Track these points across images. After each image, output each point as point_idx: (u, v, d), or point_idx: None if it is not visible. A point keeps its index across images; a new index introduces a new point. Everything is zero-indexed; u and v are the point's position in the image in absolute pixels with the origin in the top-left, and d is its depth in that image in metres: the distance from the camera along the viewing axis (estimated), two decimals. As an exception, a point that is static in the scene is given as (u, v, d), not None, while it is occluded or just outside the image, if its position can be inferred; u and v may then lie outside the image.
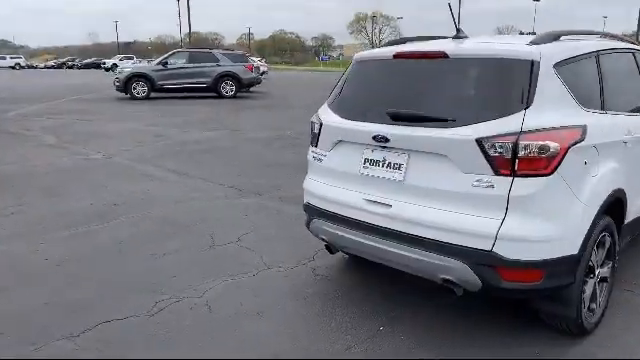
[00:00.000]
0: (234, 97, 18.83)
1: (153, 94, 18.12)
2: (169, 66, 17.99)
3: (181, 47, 39.69)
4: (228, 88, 18.72)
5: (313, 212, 3.21)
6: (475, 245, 2.45)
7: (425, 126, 2.61)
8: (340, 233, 3.00)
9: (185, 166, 7.36)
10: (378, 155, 2.80)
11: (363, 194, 2.86)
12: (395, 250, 2.71)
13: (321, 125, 3.15)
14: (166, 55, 18.89)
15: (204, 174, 6.87)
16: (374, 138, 2.75)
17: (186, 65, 18.16)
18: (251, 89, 20.56)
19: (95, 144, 9.08)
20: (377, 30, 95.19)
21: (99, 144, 9.09)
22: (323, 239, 3.22)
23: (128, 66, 19.48)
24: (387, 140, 2.70)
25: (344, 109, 3.07)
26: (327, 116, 3.14)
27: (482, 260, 2.44)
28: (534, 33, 3.67)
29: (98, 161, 7.73)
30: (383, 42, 4.01)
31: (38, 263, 3.93)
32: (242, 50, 21.95)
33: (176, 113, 14.21)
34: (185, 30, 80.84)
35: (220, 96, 18.67)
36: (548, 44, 2.67)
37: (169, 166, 7.35)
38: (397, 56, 2.92)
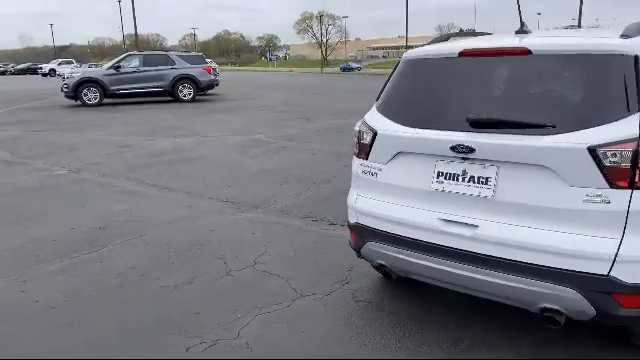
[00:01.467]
0: (192, 101, 18.05)
1: (106, 100, 17.08)
2: (122, 70, 17.01)
3: (125, 50, 38.06)
4: (186, 92, 17.93)
5: (367, 234, 2.82)
6: (588, 269, 2.14)
7: (517, 133, 2.28)
8: (407, 258, 2.63)
9: (164, 179, 6.76)
10: (456, 168, 2.45)
11: (437, 213, 2.51)
12: (481, 276, 2.37)
13: (375, 134, 2.75)
14: (118, 58, 17.86)
15: (188, 187, 6.31)
16: (453, 149, 2.39)
17: (140, 69, 17.22)
18: (206, 92, 19.78)
19: (56, 158, 8.28)
20: (324, 30, 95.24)
21: (61, 158, 8.28)
22: (381, 264, 2.83)
23: (77, 71, 18.24)
24: (472, 150, 2.34)
25: (403, 115, 2.69)
26: (381, 124, 2.75)
27: (597, 286, 2.13)
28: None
29: (65, 177, 6.99)
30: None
31: (28, 308, 3.33)
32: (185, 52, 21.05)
33: (136, 120, 13.39)
34: (128, 32, 78.07)
35: (177, 100, 17.85)
36: None
37: (146, 180, 6.73)
38: (465, 54, 2.58)
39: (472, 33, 3.32)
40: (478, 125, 2.37)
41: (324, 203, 5.55)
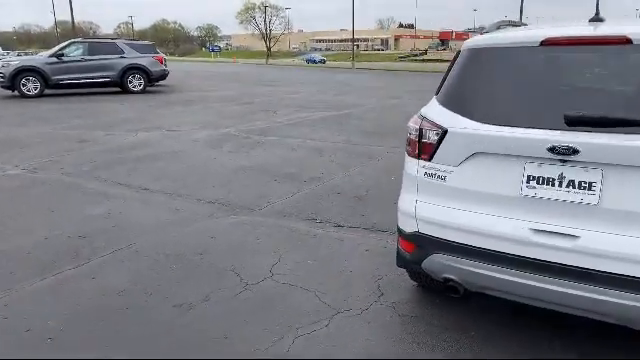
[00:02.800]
0: (143, 92, 17.06)
1: (47, 91, 15.79)
2: (65, 59, 15.75)
3: (58, 38, 35.62)
4: (136, 82, 16.91)
5: (432, 245, 2.51)
6: None
7: (626, 132, 2.03)
8: (485, 272, 2.34)
9: (138, 178, 6.16)
10: (551, 171, 2.17)
11: (527, 222, 2.23)
12: (581, 293, 2.12)
13: (445, 133, 2.43)
14: (61, 46, 16.53)
15: (168, 187, 5.76)
16: (552, 150, 2.11)
17: (86, 57, 16.03)
18: (156, 83, 18.76)
19: (7, 156, 7.41)
20: (267, 20, 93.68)
21: (12, 155, 7.43)
22: (449, 278, 2.52)
23: (14, 59, 16.75)
24: (575, 152, 2.07)
25: (479, 111, 2.39)
26: (452, 120, 2.44)
27: None
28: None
29: (22, 178, 6.23)
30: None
31: (19, 339, 2.79)
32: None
33: (87, 112, 12.42)
34: (61, 18, 73.49)
35: (126, 91, 16.81)
36: None
37: (118, 179, 6.11)
38: (549, 43, 2.30)
39: (516, 23, 3.06)
40: (578, 123, 2.11)
41: (322, 203, 5.19)
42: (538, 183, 2.20)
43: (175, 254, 3.90)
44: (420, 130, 2.56)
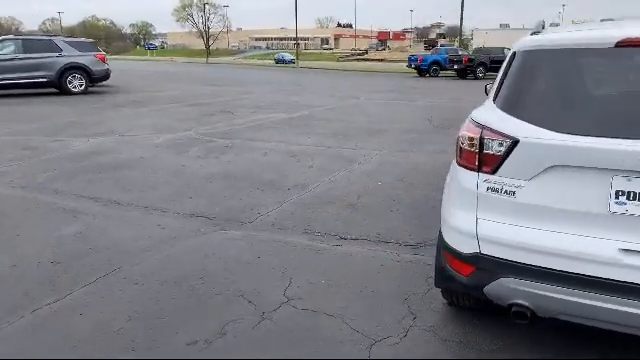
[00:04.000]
0: (84, 93, 15.96)
1: (-25, 92, 14.43)
2: (-5, 57, 14.43)
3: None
4: (76, 83, 15.79)
5: (500, 268, 2.26)
6: None
7: None
8: (563, 296, 2.12)
9: (105, 190, 5.58)
10: None
11: (616, 242, 2.03)
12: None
13: (515, 143, 2.19)
14: (-11, 43, 15.14)
15: (140, 200, 5.24)
16: None
17: (18, 56, 14.77)
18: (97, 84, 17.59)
19: (-58, 167, 6.55)
20: (205, 18, 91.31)
21: (-52, 166, 6.57)
22: (518, 304, 2.28)
23: None
24: None
25: (553, 119, 2.16)
26: (522, 129, 2.20)
27: None
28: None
29: (-34, 193, 5.48)
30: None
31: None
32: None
33: (27, 116, 11.41)
34: (-23, 13, 68.19)
35: (65, 93, 15.65)
36: None
37: (81, 192, 5.50)
38: (626, 44, 2.10)
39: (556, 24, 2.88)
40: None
41: (315, 213, 4.87)
42: (629, 199, 2.00)
43: (172, 280, 3.46)
44: (481, 140, 2.30)
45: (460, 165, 2.46)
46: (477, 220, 2.35)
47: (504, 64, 2.51)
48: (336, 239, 4.24)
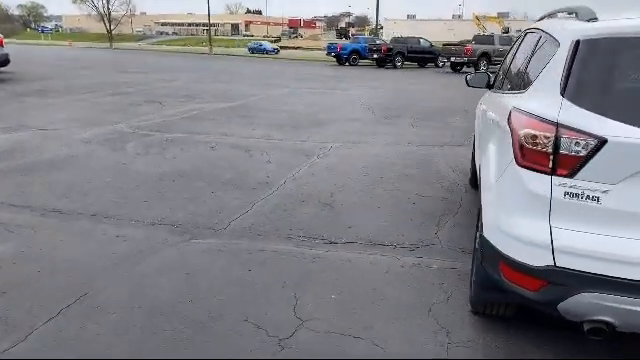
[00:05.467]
0: (-21, 81, 14.07)
1: None
2: None
3: None
4: (-31, 69, 13.86)
5: (581, 282, 2.03)
6: None
7: None
8: (656, 311, 1.93)
9: (39, 196, 4.77)
10: None
11: None
12: None
13: (602, 143, 1.95)
14: None
15: (86, 207, 4.53)
16: None
17: None
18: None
19: None
20: (105, 1, 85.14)
21: None
22: (598, 320, 2.06)
23: None
24: None
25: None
26: (605, 127, 1.96)
27: None
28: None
29: None
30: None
31: None
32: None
33: None
34: None
35: (-44, 80, 13.70)
36: None
37: (9, 199, 4.66)
38: None
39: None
40: None
41: (292, 215, 4.47)
42: None
43: (156, 307, 2.91)
44: (557, 139, 2.04)
45: (523, 166, 2.19)
46: (551, 229, 2.09)
47: (559, 53, 2.25)
48: (325, 244, 3.87)
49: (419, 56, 29.25)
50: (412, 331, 2.74)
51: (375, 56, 29.06)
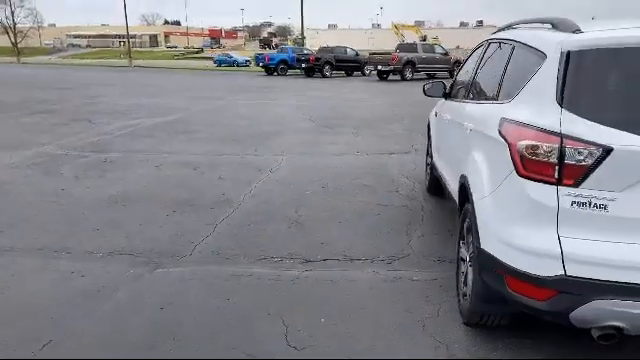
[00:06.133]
0: None
1: None
2: None
3: None
4: None
5: (592, 290, 2.05)
6: None
7: None
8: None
9: (-31, 232, 4.26)
10: None
11: None
12: None
13: (608, 152, 1.99)
14: None
15: (29, 240, 4.12)
16: None
17: None
18: None
19: None
20: (9, 13, 79.58)
21: None
22: (610, 326, 2.09)
23: None
24: None
25: None
26: (610, 136, 2.00)
27: None
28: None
29: None
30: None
31: None
32: None
33: None
34: None
35: None
36: None
37: None
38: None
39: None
40: None
41: (259, 235, 4.30)
42: None
43: (135, 349, 2.65)
44: (562, 150, 2.06)
45: (525, 177, 2.20)
46: (559, 239, 2.11)
47: (547, 64, 2.29)
48: (301, 263, 3.74)
49: (346, 65, 29.75)
50: (414, 350, 2.67)
51: (304, 66, 29.20)
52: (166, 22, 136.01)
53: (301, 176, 6.18)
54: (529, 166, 2.18)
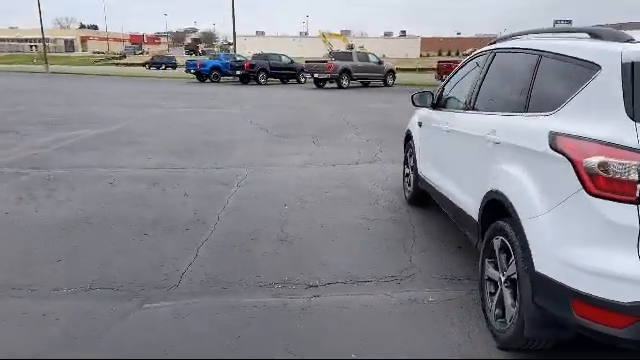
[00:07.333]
0: None
1: None
2: None
3: None
4: None
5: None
6: None
7: None
8: None
9: None
10: None
11: None
12: None
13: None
14: None
15: (-22, 276, 3.50)
16: None
17: None
18: None
19: None
20: None
21: None
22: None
23: None
24: None
25: None
26: None
27: None
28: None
29: None
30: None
31: None
32: None
33: None
34: None
35: None
36: None
37: None
38: None
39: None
40: None
41: (249, 257, 3.95)
42: None
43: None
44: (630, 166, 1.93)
45: (597, 196, 2.05)
46: (619, 262, 1.98)
47: (603, 75, 2.18)
48: (304, 289, 3.44)
49: (281, 72, 29.45)
50: (461, 383, 2.46)
51: (238, 73, 28.59)
52: (82, 26, 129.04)
53: (272, 190, 5.84)
54: (602, 184, 2.04)
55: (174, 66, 48.85)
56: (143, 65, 50.71)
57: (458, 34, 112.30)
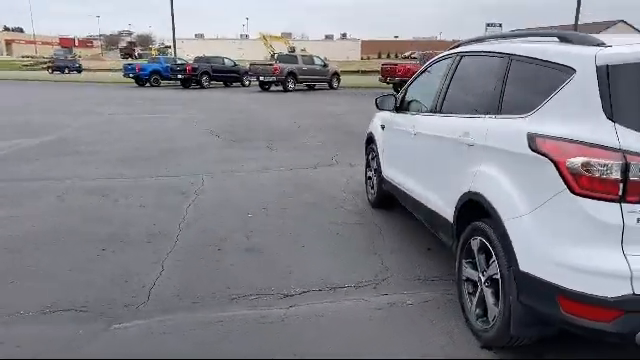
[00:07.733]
0: None
1: None
2: None
3: None
4: None
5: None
6: None
7: None
8: None
9: None
10: None
11: None
12: None
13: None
14: None
15: None
16: None
17: None
18: None
19: None
20: None
21: None
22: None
23: None
24: None
25: None
26: None
27: None
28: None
29: None
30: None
31: None
32: None
33: None
34: None
35: None
36: None
37: None
38: None
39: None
40: None
41: (217, 269, 3.83)
42: None
43: None
44: (626, 166, 2.01)
45: (582, 195, 2.12)
46: (626, 257, 2.05)
47: (579, 77, 2.25)
48: (279, 299, 3.36)
49: (224, 75, 29.03)
50: (451, 386, 2.47)
51: (180, 76, 27.89)
52: (6, 28, 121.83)
53: (233, 197, 5.71)
54: (585, 184, 2.11)
55: (79, 70, 48.71)
56: (46, 69, 49.38)
57: (396, 37, 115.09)
